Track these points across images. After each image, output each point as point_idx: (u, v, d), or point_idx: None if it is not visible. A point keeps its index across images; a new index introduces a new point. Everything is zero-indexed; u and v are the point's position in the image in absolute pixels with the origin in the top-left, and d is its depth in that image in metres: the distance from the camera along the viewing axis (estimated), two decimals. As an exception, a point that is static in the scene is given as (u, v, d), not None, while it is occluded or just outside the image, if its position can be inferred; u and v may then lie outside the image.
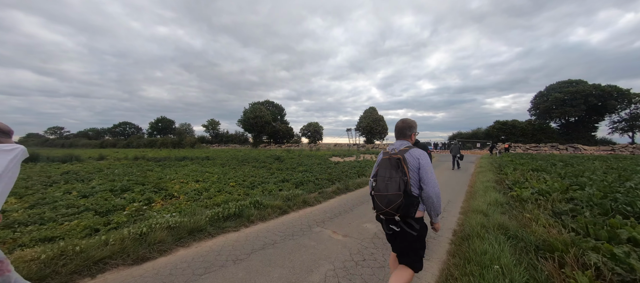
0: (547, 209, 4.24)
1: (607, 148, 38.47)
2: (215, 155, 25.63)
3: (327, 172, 11.22)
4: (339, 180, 9.11)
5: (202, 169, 12.78)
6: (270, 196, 6.20)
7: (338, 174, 10.64)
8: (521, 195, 5.22)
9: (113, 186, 7.61)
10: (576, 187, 5.58)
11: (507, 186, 6.90)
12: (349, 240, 3.73)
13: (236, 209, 4.86)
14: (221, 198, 6.39)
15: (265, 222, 4.65)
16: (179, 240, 3.77)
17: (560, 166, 10.83)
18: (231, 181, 8.73)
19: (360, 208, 5.40)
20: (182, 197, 6.79)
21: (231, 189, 7.63)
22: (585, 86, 44.38)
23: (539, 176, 7.71)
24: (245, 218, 4.65)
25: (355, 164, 14.57)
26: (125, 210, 5.44)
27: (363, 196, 6.68)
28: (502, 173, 9.53)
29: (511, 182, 6.98)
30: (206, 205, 5.74)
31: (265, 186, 7.77)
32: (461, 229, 3.87)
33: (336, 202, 6.03)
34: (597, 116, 45.80)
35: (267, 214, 4.93)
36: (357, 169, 12.22)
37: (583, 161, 15.17)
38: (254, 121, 52.59)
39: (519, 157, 20.12)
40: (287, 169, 12.70)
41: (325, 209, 5.41)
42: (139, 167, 14.47)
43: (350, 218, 4.75)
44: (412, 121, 2.15)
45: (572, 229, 3.24)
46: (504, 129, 48.87)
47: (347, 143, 59.74)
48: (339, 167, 13.41)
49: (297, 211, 5.30)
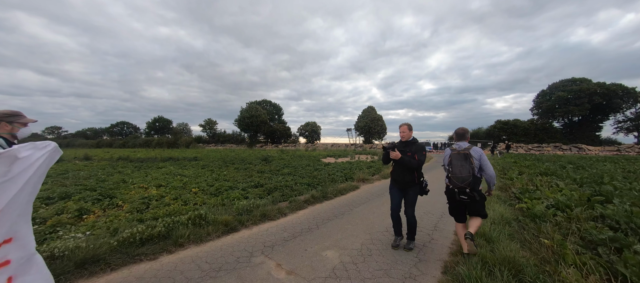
0: (574, 233, 3.12)
1: (613, 148, 37.19)
2: (205, 156, 24.55)
3: (311, 175, 10.12)
4: (321, 184, 8.01)
5: (178, 171, 11.69)
6: (224, 208, 5.10)
7: (323, 177, 9.54)
8: (533, 209, 4.10)
9: (52, 193, 6.52)
10: (601, 198, 4.46)
11: (513, 195, 5.78)
12: (293, 280, 2.62)
13: (164, 227, 3.76)
14: (173, 207, 5.32)
15: (199, 245, 3.56)
16: (58, 277, 2.68)
17: (572, 170, 9.69)
18: (194, 187, 7.63)
19: (328, 226, 4.29)
20: (127, 206, 5.71)
21: (191, 196, 6.54)
22: (590, 84, 43.03)
23: (550, 182, 6.59)
24: (174, 240, 3.56)
25: (346, 166, 13.46)
26: (46, 223, 4.41)
27: (340, 206, 5.57)
28: (506, 177, 8.39)
29: (518, 190, 5.85)
30: (143, 218, 4.66)
31: (230, 193, 6.66)
32: (454, 265, 2.75)
33: (304, 215, 4.92)
34: (601, 115, 44.44)
35: (207, 233, 3.83)
36: (346, 172, 11.11)
37: (593, 163, 14.01)
38: (250, 121, 51.37)
39: (523, 158, 18.96)
40: (271, 171, 11.61)
41: (286, 225, 4.31)
42: (113, 169, 13.43)
43: (310, 240, 3.64)
44: (466, 129, 3.14)
45: (625, 278, 2.12)
46: (506, 129, 47.55)
47: (346, 143, 58.61)
48: (327, 169, 12.32)
49: (251, 228, 4.20)
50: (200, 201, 6.05)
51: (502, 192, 6.39)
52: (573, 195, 4.75)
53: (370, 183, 8.83)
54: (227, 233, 4.00)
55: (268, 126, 57.74)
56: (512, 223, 3.82)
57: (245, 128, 53.99)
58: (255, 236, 3.87)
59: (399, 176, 3.27)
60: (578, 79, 46.14)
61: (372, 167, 12.98)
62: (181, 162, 17.36)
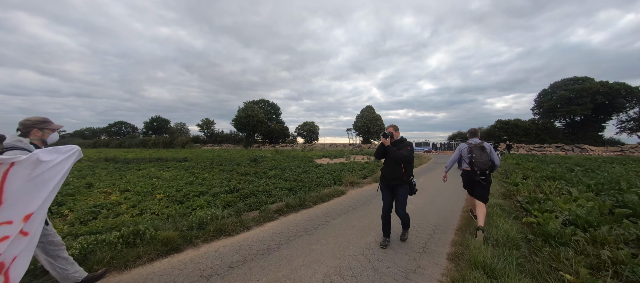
0: (606, 265, 2.33)
1: (616, 148, 36.38)
2: (196, 156, 23.76)
3: (297, 178, 9.34)
4: (302, 189, 7.23)
5: (156, 174, 10.91)
6: (176, 220, 4.31)
7: (310, 181, 8.76)
8: (546, 226, 3.30)
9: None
10: (626, 211, 3.66)
11: (519, 206, 4.98)
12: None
13: (81, 249, 2.99)
14: (121, 219, 4.56)
15: (121, 273, 2.79)
16: None
17: (581, 173, 8.88)
18: (159, 193, 6.84)
19: (293, 245, 3.49)
20: (72, 216, 4.94)
21: (154, 204, 5.77)
22: (592, 83, 42.15)
23: (560, 189, 5.80)
24: (88, 267, 2.78)
25: (339, 168, 12.66)
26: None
27: (317, 217, 4.78)
28: (509, 181, 7.58)
29: (525, 198, 5.04)
30: (78, 232, 3.88)
31: (195, 201, 5.88)
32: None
33: (270, 229, 4.13)
34: (604, 115, 43.56)
35: (138, 256, 3.05)
36: (335, 174, 10.31)
37: (600, 165, 13.20)
38: (246, 121, 50.46)
39: (525, 159, 18.15)
40: (256, 174, 10.83)
41: (243, 243, 3.52)
42: (91, 170, 12.66)
43: (261, 268, 2.85)
44: (477, 129, 4.13)
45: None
46: (506, 129, 46.68)
47: (344, 143, 57.74)
48: (317, 171, 11.52)
49: (198, 248, 3.42)
50: (159, 210, 5.27)
51: (506, 200, 5.59)
52: (592, 206, 3.96)
53: (359, 187, 8.04)
54: (165, 254, 3.22)
55: (265, 126, 56.89)
56: (520, 246, 3.02)
57: (242, 128, 53.12)
58: (198, 259, 3.08)
59: (387, 173, 3.45)
60: (580, 78, 45.31)
61: (366, 169, 12.20)
62: (168, 163, 16.58)
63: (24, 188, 1.59)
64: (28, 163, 1.60)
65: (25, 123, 2.03)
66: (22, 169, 1.58)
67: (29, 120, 2.05)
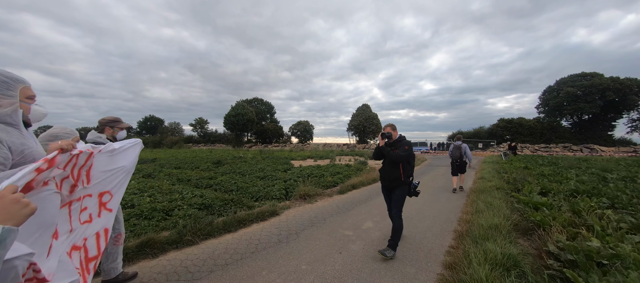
0: None
1: (628, 149, 33.84)
2: (172, 156, 21.63)
3: (242, 188, 7.14)
4: (263, 197, 5.01)
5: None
6: None
7: (257, 191, 6.58)
8: None
9: None
10: None
11: (551, 258, 2.69)
12: None
13: None
14: None
15: None
16: None
17: (619, 182, 6.60)
18: None
19: None
20: None
21: None
22: (602, 79, 39.57)
23: (607, 217, 3.54)
24: None
25: (309, 172, 10.41)
26: None
27: (171, 274, 2.55)
28: (522, 197, 5.24)
29: (561, 243, 2.74)
30: None
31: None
32: None
33: None
34: (614, 113, 40.99)
35: None
36: (291, 183, 8.07)
37: (622, 168, 10.91)
38: (236, 119, 48.26)
39: (534, 161, 15.81)
40: (210, 179, 8.66)
41: None
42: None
43: None
44: (460, 135, 9.75)
45: None
46: (510, 128, 44.17)
47: (339, 143, 55.49)
48: (283, 176, 9.30)
49: None
50: None
51: (525, 239, 3.33)
52: None
53: (310, 202, 5.77)
54: None
55: (257, 125, 54.68)
56: None
57: (232, 127, 50.93)
58: None
59: (385, 174, 3.31)
60: (589, 73, 42.73)
61: (340, 174, 9.95)
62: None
63: (104, 172, 1.83)
64: (106, 151, 1.87)
65: (101, 121, 2.56)
66: (101, 156, 1.83)
67: (103, 119, 2.56)
